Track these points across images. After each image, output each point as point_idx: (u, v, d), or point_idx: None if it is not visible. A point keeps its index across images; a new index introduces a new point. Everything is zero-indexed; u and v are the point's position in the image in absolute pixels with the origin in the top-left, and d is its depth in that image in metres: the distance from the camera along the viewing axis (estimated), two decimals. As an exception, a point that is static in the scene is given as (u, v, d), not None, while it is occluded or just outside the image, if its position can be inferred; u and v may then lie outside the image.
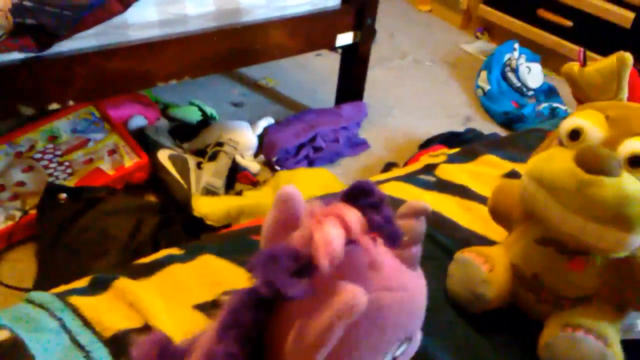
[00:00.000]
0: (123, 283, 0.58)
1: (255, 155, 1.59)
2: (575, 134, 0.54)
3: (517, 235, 0.60)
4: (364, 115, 1.75)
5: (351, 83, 1.76)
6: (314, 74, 2.07)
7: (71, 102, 1.20)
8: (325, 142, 1.61)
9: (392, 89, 2.05)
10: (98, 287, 0.58)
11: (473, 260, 0.58)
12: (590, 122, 0.53)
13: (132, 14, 1.19)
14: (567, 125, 0.55)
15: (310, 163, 1.58)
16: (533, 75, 2.01)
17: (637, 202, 0.48)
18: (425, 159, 0.86)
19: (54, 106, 1.18)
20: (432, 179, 0.78)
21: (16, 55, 1.08)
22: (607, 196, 0.48)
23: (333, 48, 1.63)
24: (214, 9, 1.31)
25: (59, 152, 1.36)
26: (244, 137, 1.56)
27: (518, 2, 2.28)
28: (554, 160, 0.53)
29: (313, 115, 1.68)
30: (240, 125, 1.60)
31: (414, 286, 0.35)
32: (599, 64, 0.60)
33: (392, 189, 0.75)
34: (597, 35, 2.02)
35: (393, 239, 0.32)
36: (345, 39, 1.61)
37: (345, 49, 1.68)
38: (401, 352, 0.34)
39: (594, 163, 0.50)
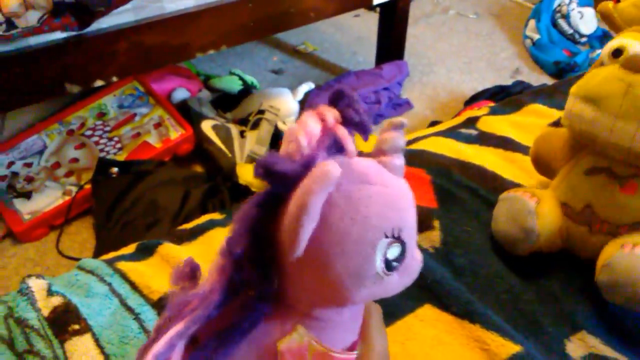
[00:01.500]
0: (167, 248, 0.60)
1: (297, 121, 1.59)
2: (617, 52, 0.54)
3: (563, 175, 0.58)
4: (405, 75, 1.71)
5: (391, 42, 1.71)
6: (353, 36, 2.03)
7: (115, 78, 1.23)
8: (367, 103, 1.59)
9: (434, 45, 1.98)
10: (144, 252, 0.60)
11: (520, 195, 0.57)
12: (632, 39, 0.53)
13: (166, -14, 1.19)
14: (609, 46, 0.55)
15: (353, 126, 1.56)
16: (586, 20, 1.89)
17: None
18: (468, 113, 0.83)
19: (99, 83, 1.21)
20: (473, 132, 0.75)
21: (59, 35, 1.11)
22: None
23: (371, 7, 1.59)
24: (247, -25, 1.30)
25: (107, 128, 1.41)
26: (285, 103, 1.56)
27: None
28: (598, 74, 0.53)
29: (353, 77, 1.66)
30: (280, 92, 1.59)
31: (396, 185, 0.35)
32: None
33: (432, 144, 0.73)
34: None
35: (363, 128, 0.35)
36: (382, -5, 1.56)
37: (384, 6, 1.63)
38: (394, 255, 0.34)
39: (635, 64, 0.50)
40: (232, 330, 0.35)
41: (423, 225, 0.59)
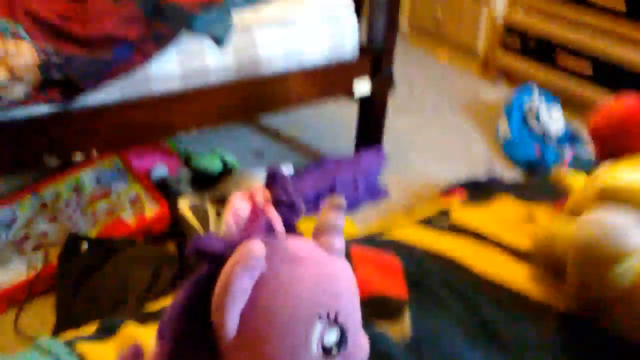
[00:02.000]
0: (130, 328, 0.57)
1: (275, 203, 1.59)
2: None
3: None
4: (382, 163, 1.75)
5: (370, 131, 1.77)
6: (334, 123, 2.10)
7: (95, 153, 1.24)
8: (345, 190, 1.61)
9: (411, 137, 2.05)
10: (106, 332, 0.57)
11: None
12: None
13: (154, 67, 1.23)
14: None
15: (330, 211, 1.57)
16: (554, 120, 2.00)
17: None
18: (441, 204, 0.85)
19: (79, 157, 1.21)
20: (446, 223, 0.77)
21: (43, 108, 1.12)
22: None
23: (351, 96, 1.66)
24: (233, 62, 1.36)
25: (82, 203, 1.39)
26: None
27: (536, 48, 2.30)
28: None
29: (332, 163, 1.69)
30: (260, 174, 1.61)
31: (332, 266, 0.35)
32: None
33: (406, 234, 0.73)
34: (614, 79, 2.01)
35: (293, 208, 0.37)
36: (362, 87, 1.63)
37: (363, 97, 1.70)
38: (332, 340, 0.33)
39: None
40: None
41: (393, 316, 0.58)
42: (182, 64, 1.28)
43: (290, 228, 0.35)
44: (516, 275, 0.65)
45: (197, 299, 0.33)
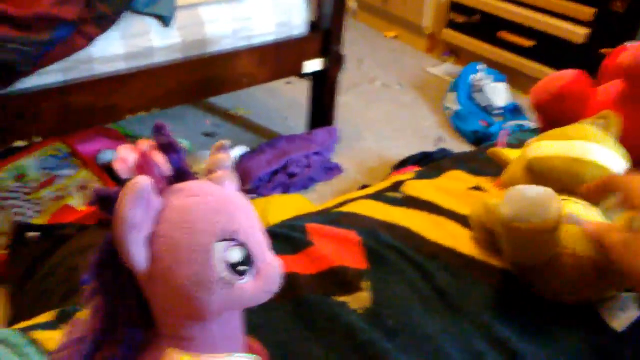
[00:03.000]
0: (85, 314, 0.56)
1: (229, 184, 1.58)
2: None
3: None
4: (335, 140, 1.77)
5: (321, 109, 1.78)
6: (285, 102, 2.09)
7: (38, 139, 1.19)
8: (299, 168, 1.62)
9: (362, 113, 2.07)
10: (61, 320, 0.56)
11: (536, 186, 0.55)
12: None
13: (97, 48, 1.19)
14: None
15: (285, 190, 1.58)
16: (499, 94, 2.06)
17: None
18: (395, 177, 0.87)
19: (20, 143, 1.16)
20: (399, 195, 0.78)
21: (-22, 93, 1.07)
22: None
23: (302, 75, 1.66)
24: (180, 41, 1.32)
25: (27, 190, 1.34)
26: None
27: (480, 26, 2.35)
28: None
29: (285, 142, 1.69)
30: (206, 155, 1.59)
31: (222, 194, 0.38)
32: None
33: (361, 207, 0.75)
34: (556, 53, 2.09)
35: (173, 147, 0.40)
36: (313, 65, 1.63)
37: (314, 75, 1.70)
38: (237, 258, 0.36)
39: None
40: None
41: (352, 286, 0.60)
42: (126, 44, 1.24)
43: (182, 171, 0.39)
44: (466, 241, 0.67)
45: (112, 250, 0.35)
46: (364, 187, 1.60)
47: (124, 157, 0.37)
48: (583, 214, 0.58)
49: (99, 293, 0.36)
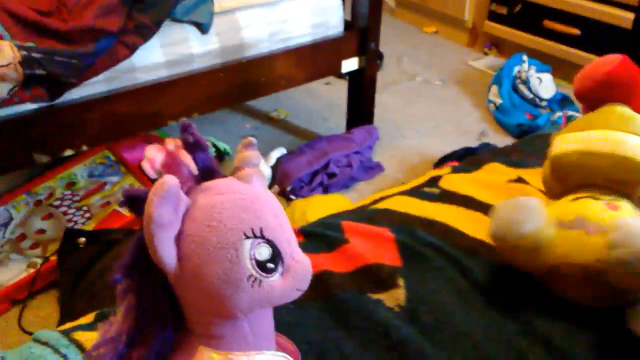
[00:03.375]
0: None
1: (270, 186, 1.59)
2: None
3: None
4: (375, 139, 1.75)
5: (361, 108, 1.77)
6: (325, 103, 2.09)
7: (85, 147, 1.23)
8: (339, 167, 1.61)
9: (402, 110, 2.05)
10: (101, 321, 0.58)
11: (522, 197, 0.57)
12: None
13: (138, 57, 1.22)
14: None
15: (325, 190, 1.58)
16: (544, 85, 1.99)
17: None
18: (431, 172, 0.85)
19: (68, 152, 1.21)
20: (436, 190, 0.77)
21: (29, 106, 1.12)
22: None
23: (340, 75, 1.65)
24: (218, 47, 1.35)
25: (77, 198, 1.39)
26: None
27: (523, 16, 2.28)
28: None
29: (324, 142, 1.69)
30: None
31: (249, 192, 0.38)
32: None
33: (396, 203, 0.74)
34: (601, 40, 2.00)
35: (200, 145, 0.41)
36: (350, 64, 1.62)
37: (352, 74, 1.69)
38: (265, 256, 0.36)
39: None
40: None
41: (387, 283, 0.59)
42: (166, 52, 1.27)
43: (209, 169, 0.39)
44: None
45: (143, 250, 0.36)
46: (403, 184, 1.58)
47: (151, 157, 0.38)
48: (599, 214, 0.56)
49: (131, 292, 0.37)
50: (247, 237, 0.35)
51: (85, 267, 1.20)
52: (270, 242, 0.36)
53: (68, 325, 0.60)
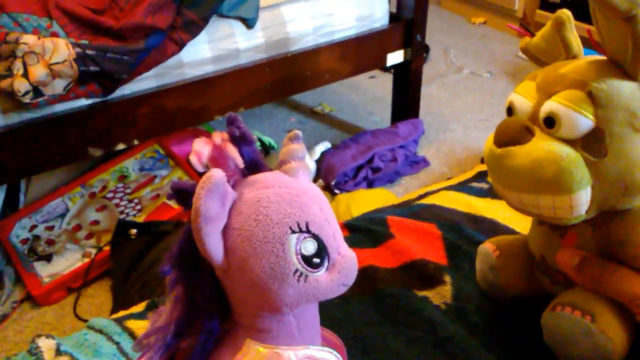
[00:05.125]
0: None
1: (314, 180, 1.60)
2: (509, 111, 0.53)
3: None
4: (421, 133, 1.73)
5: (406, 101, 1.74)
6: (369, 96, 2.08)
7: (136, 142, 1.27)
8: (383, 162, 1.60)
9: (449, 104, 2.01)
10: (151, 310, 0.60)
11: (485, 249, 0.57)
12: (519, 95, 0.52)
13: (186, 53, 1.25)
14: (506, 102, 0.55)
15: (370, 184, 1.57)
16: (600, 76, 1.91)
17: (550, 162, 0.45)
18: (479, 167, 0.83)
19: (121, 146, 1.25)
20: (485, 185, 0.75)
21: (83, 102, 1.16)
22: (517, 165, 0.47)
23: (385, 68, 1.63)
24: (263, 41, 1.36)
25: (128, 190, 1.44)
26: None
27: (578, 3, 2.19)
28: (486, 142, 0.53)
29: (369, 136, 1.68)
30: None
31: (295, 185, 0.38)
32: (542, 30, 0.57)
33: (443, 199, 0.72)
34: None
35: (246, 139, 0.40)
36: (395, 57, 1.60)
37: (398, 67, 1.67)
38: (311, 250, 0.35)
39: (501, 136, 0.49)
40: (191, 355, 0.37)
41: (434, 280, 0.58)
42: (213, 47, 1.29)
43: (255, 163, 0.39)
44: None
45: (191, 242, 0.36)
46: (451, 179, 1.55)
47: (198, 150, 0.38)
48: None
49: (179, 283, 0.38)
50: (293, 232, 0.35)
51: (136, 258, 1.24)
52: (316, 237, 0.36)
53: (121, 313, 0.62)
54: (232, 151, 0.39)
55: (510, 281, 0.55)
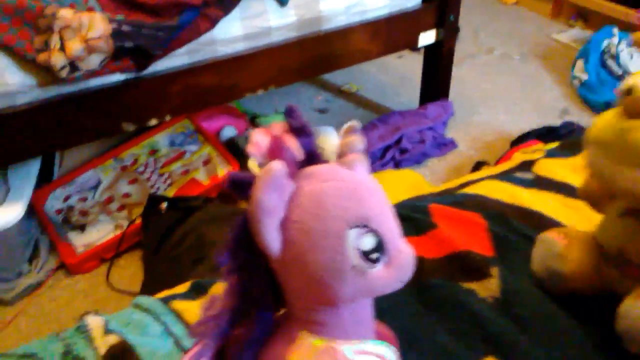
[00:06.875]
0: (219, 287, 0.61)
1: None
2: (629, 91, 0.52)
3: (602, 216, 0.57)
4: (449, 114, 1.71)
5: (435, 82, 1.72)
6: (397, 76, 2.06)
7: (168, 117, 1.28)
8: (411, 143, 1.59)
9: (479, 85, 1.98)
10: (198, 291, 0.61)
11: (550, 237, 0.56)
12: None
13: (219, 30, 1.24)
14: (623, 85, 0.53)
15: (397, 165, 1.57)
16: (635, 60, 1.86)
17: None
18: (519, 156, 0.82)
19: (153, 122, 1.26)
20: (529, 176, 0.74)
21: (118, 77, 1.17)
22: None
23: (415, 48, 1.61)
24: (295, 19, 1.35)
25: (159, 165, 1.46)
26: (329, 142, 1.58)
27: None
28: (602, 117, 0.52)
29: (397, 117, 1.67)
30: (325, 131, 1.61)
31: (354, 179, 0.38)
32: None
33: (486, 189, 0.72)
34: None
35: (304, 131, 0.40)
36: (427, 38, 1.58)
37: (428, 47, 1.65)
38: (369, 245, 0.35)
39: (634, 108, 0.47)
40: (245, 344, 0.38)
41: (480, 272, 0.58)
42: (245, 25, 1.29)
43: (312, 154, 0.39)
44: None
45: (247, 233, 0.37)
46: (480, 162, 1.54)
47: (257, 141, 0.38)
48: None
49: (234, 273, 0.38)
50: (352, 227, 0.35)
51: (166, 231, 1.26)
52: (374, 232, 0.36)
53: (164, 293, 0.63)
54: (291, 142, 0.39)
55: (577, 270, 0.54)
